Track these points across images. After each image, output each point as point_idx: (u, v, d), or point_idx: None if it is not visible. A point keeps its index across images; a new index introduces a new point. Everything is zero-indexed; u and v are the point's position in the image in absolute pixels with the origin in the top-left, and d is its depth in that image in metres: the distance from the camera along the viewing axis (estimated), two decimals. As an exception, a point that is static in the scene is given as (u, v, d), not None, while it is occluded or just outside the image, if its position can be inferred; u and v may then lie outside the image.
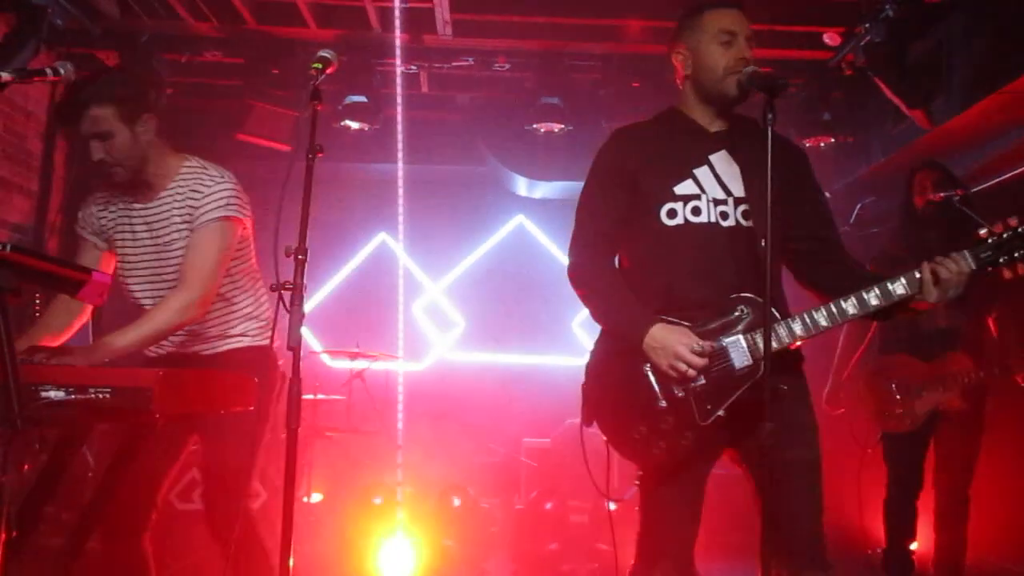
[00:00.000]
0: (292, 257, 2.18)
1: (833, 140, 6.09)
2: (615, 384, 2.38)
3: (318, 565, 4.89)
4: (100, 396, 2.09)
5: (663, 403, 2.28)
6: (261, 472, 4.76)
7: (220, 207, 2.78)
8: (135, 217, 2.86)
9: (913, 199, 4.19)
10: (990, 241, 2.23)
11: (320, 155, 2.28)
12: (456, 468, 5.89)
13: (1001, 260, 2.22)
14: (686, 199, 2.38)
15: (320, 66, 2.36)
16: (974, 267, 2.22)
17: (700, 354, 2.23)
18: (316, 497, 5.49)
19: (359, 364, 5.98)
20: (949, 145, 5.06)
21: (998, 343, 4.20)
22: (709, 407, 2.26)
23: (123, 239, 2.88)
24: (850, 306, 2.25)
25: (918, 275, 2.22)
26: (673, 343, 2.24)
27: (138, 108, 2.73)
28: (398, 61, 5.56)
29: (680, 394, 2.28)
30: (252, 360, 2.87)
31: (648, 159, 2.45)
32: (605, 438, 2.42)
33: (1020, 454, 4.88)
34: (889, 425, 4.15)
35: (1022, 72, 4.14)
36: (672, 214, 2.38)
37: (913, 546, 4.19)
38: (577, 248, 2.53)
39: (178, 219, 2.80)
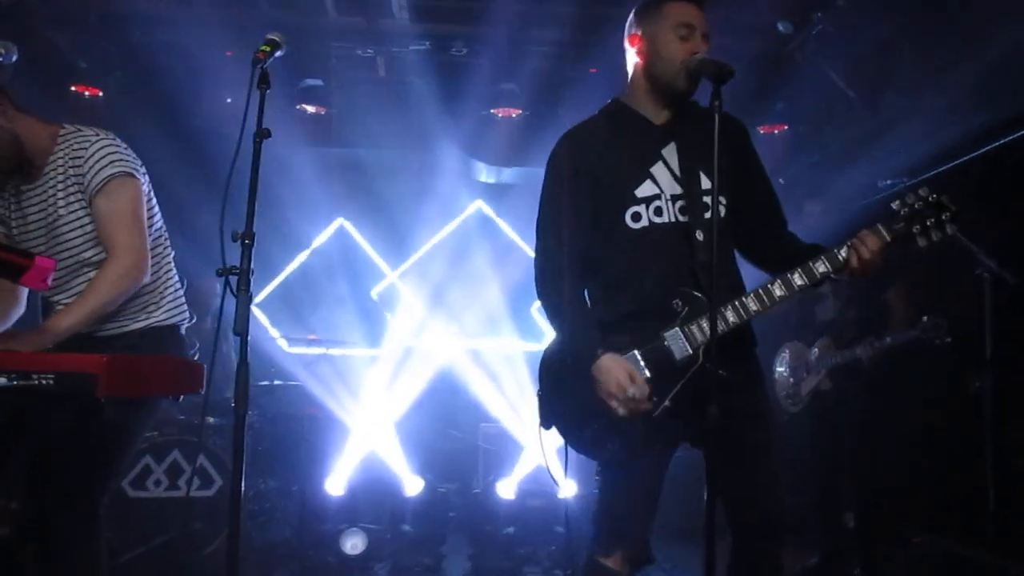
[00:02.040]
0: (239, 242, 2.14)
1: (787, 128, 6.19)
2: (566, 387, 2.42)
3: (272, 552, 4.88)
4: (43, 382, 2.07)
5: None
6: (215, 458, 4.73)
7: (107, 165, 2.62)
8: (23, 199, 2.70)
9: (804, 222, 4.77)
10: (902, 213, 2.34)
11: (267, 139, 2.22)
12: (414, 453, 5.89)
13: (914, 229, 2.34)
14: (648, 201, 2.40)
15: (268, 48, 2.31)
16: (888, 239, 2.33)
17: (631, 399, 2.25)
18: (271, 483, 5.46)
19: (316, 350, 5.94)
20: (900, 132, 5.16)
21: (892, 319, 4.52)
22: (656, 399, 2.30)
23: (16, 223, 2.73)
24: (778, 288, 2.34)
25: (841, 254, 2.33)
26: (610, 382, 2.26)
27: None
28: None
29: None
30: (150, 343, 2.72)
31: (604, 161, 2.45)
32: (562, 438, 2.46)
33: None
34: (785, 407, 4.70)
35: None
36: (636, 217, 2.41)
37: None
38: (541, 258, 2.50)
39: (62, 192, 2.63)
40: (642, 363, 2.33)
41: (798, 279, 2.34)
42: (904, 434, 5.18)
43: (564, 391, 2.43)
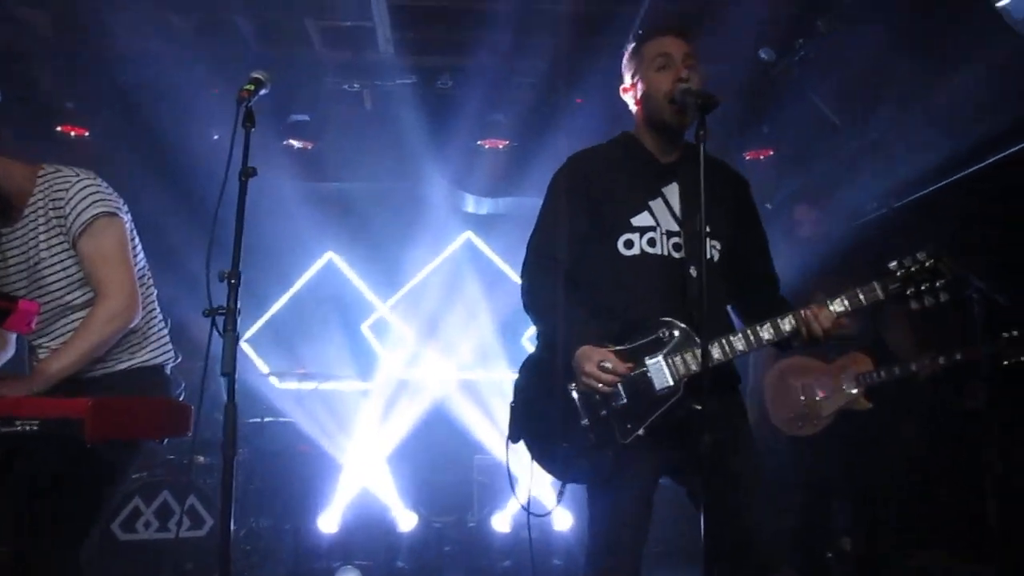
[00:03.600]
0: (226, 281, 2.12)
1: (773, 152, 6.23)
2: (542, 403, 2.43)
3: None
4: (28, 428, 2.03)
5: (585, 421, 2.34)
6: (205, 498, 4.67)
7: (89, 206, 2.57)
8: (3, 243, 2.64)
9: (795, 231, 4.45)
10: (899, 273, 2.33)
11: (253, 176, 2.21)
12: (408, 487, 5.84)
13: (909, 292, 2.32)
14: (643, 231, 2.44)
15: (253, 87, 2.31)
16: (882, 297, 2.33)
17: (607, 370, 2.27)
18: (264, 522, 5.39)
19: (307, 385, 5.90)
20: (884, 155, 5.20)
21: (891, 342, 4.29)
22: (629, 426, 2.31)
23: None
24: (765, 331, 2.35)
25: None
26: (583, 361, 2.29)
27: None
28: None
29: (603, 413, 2.33)
30: (135, 384, 2.66)
31: (607, 187, 2.50)
32: (529, 454, 2.45)
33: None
34: (795, 429, 4.20)
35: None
36: (629, 244, 2.44)
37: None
38: (528, 267, 2.57)
39: (44, 234, 2.59)
40: (620, 388, 2.33)
41: (766, 334, 2.35)
42: (901, 453, 5.16)
43: (539, 405, 2.44)
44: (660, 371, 2.33)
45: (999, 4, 3.93)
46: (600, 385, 2.27)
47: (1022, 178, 4.26)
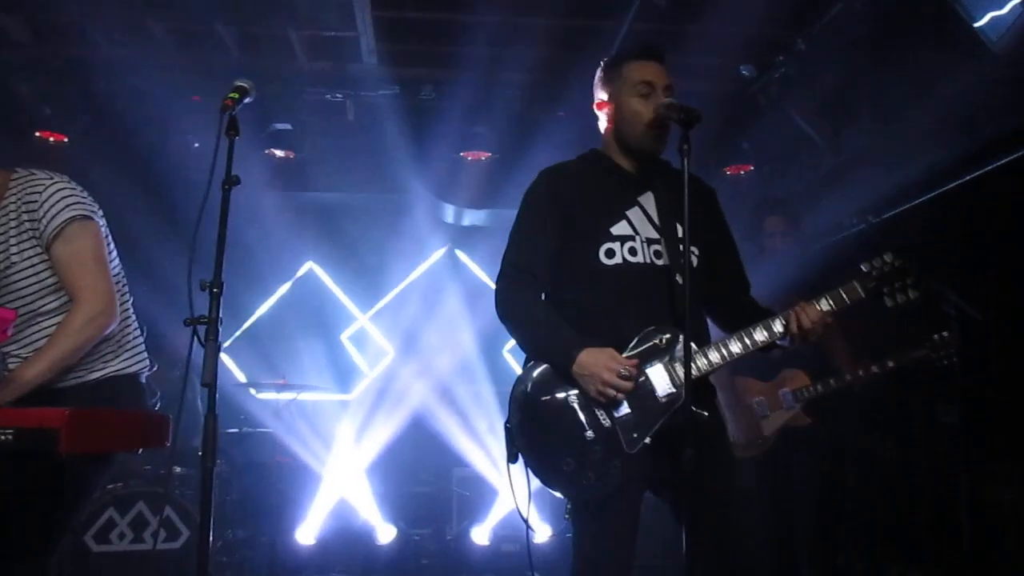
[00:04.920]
0: (207, 291, 2.10)
1: (753, 168, 6.29)
2: (540, 418, 2.38)
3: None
4: (2, 438, 2.00)
5: (590, 433, 2.30)
6: (181, 509, 4.61)
7: (64, 209, 2.51)
8: None
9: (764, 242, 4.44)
10: (873, 273, 2.45)
11: (236, 185, 2.20)
12: (387, 499, 5.80)
13: (884, 290, 2.45)
14: (623, 239, 2.44)
15: (237, 96, 2.29)
16: (863, 295, 2.44)
17: (626, 377, 2.26)
18: (240, 533, 5.33)
19: (285, 395, 5.85)
20: (863, 171, 5.25)
21: (824, 354, 4.27)
22: (635, 435, 2.29)
23: None
24: (758, 333, 2.40)
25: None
26: (600, 369, 2.27)
27: None
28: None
29: (607, 423, 2.31)
30: (109, 394, 2.60)
31: (580, 199, 2.50)
32: (532, 473, 2.39)
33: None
34: (739, 452, 4.08)
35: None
36: (610, 254, 2.43)
37: None
38: (505, 280, 2.54)
39: (15, 239, 2.52)
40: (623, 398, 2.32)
41: (778, 326, 2.40)
42: (874, 467, 5.19)
43: (540, 421, 2.38)
44: (661, 378, 2.34)
45: (977, 24, 4.00)
46: (616, 395, 2.26)
47: (999, 194, 4.32)
